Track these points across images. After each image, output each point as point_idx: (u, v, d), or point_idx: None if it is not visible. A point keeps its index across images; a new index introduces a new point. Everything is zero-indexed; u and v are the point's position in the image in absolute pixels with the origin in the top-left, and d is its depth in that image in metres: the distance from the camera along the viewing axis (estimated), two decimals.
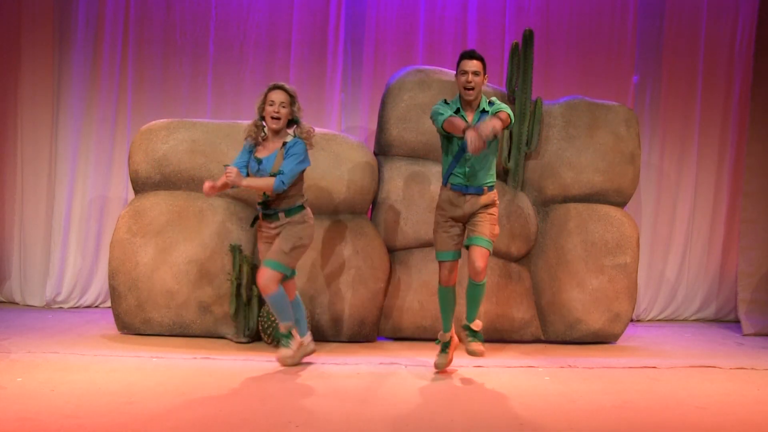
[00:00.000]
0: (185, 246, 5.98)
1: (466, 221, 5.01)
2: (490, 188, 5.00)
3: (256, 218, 5.16)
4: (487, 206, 4.97)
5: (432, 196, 6.21)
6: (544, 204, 6.49)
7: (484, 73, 4.98)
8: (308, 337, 5.29)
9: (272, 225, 5.01)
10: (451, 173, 4.95)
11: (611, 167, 6.44)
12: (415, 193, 6.25)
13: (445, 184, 5.02)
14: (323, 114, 7.37)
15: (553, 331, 6.36)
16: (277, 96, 4.93)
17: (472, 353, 5.00)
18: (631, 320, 6.95)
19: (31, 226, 7.33)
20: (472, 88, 4.92)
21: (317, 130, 6.26)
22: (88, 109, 7.29)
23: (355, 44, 7.47)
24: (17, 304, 7.35)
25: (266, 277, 4.94)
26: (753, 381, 5.22)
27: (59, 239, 7.23)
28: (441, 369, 5.14)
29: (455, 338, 5.22)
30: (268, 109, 4.92)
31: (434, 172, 6.30)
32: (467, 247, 4.97)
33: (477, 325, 5.05)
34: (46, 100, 7.26)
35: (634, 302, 6.49)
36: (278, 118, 4.92)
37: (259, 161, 4.95)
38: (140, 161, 6.11)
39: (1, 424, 3.75)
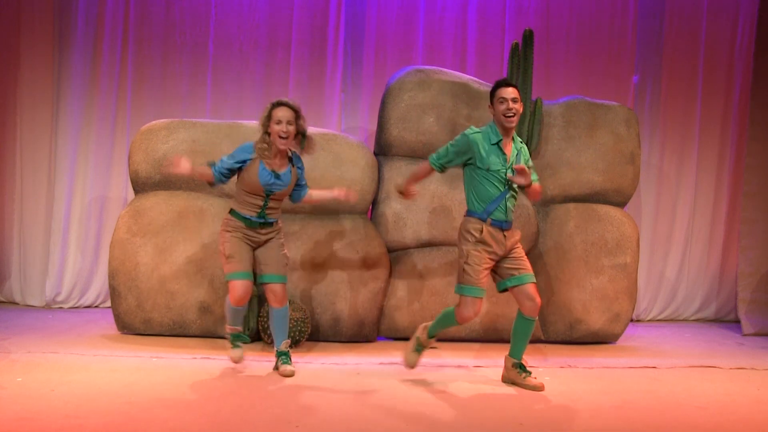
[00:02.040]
0: (185, 246, 5.98)
1: (500, 259, 4.79)
2: None
3: (247, 222, 4.90)
4: (518, 242, 4.86)
5: (432, 195, 6.22)
6: (544, 204, 6.49)
7: (521, 101, 4.84)
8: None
9: (263, 231, 4.94)
10: (496, 208, 4.73)
11: (611, 167, 6.44)
12: None
13: (485, 218, 4.72)
14: (323, 114, 7.38)
15: (553, 331, 6.36)
16: (284, 114, 4.77)
17: (535, 389, 4.79)
18: (631, 320, 6.96)
19: (31, 226, 7.33)
20: (513, 115, 4.69)
21: (317, 130, 6.29)
22: (87, 109, 7.29)
23: (355, 44, 7.47)
24: (17, 304, 7.35)
25: (284, 292, 5.01)
26: (753, 381, 5.22)
27: (59, 239, 7.23)
28: (413, 367, 5.08)
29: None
30: (276, 128, 4.76)
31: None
32: (508, 288, 4.80)
33: (525, 360, 4.95)
34: (46, 99, 7.26)
35: (634, 302, 6.49)
36: (286, 138, 4.78)
37: (278, 176, 4.82)
38: (140, 161, 6.11)
39: (1, 424, 3.75)
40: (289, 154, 4.92)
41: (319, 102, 7.41)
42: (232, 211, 4.94)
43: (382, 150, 6.42)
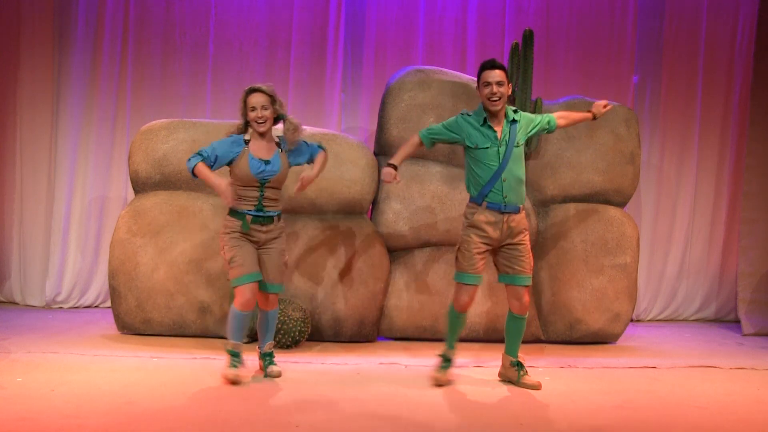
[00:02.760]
0: (185, 246, 5.98)
1: (499, 246, 4.76)
2: (523, 206, 4.79)
3: (244, 220, 4.79)
4: (522, 232, 4.76)
5: (432, 195, 6.22)
6: (544, 204, 6.49)
7: (508, 82, 4.73)
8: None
9: (264, 228, 4.82)
10: (491, 190, 4.67)
11: (611, 167, 6.44)
12: (415, 193, 6.25)
13: (479, 202, 4.70)
14: (323, 114, 7.38)
15: (553, 331, 6.36)
16: (257, 99, 4.78)
17: (532, 387, 4.79)
18: (631, 320, 6.95)
19: (31, 226, 7.33)
20: (498, 99, 4.65)
21: (317, 130, 6.29)
22: (87, 109, 7.29)
23: (355, 44, 7.47)
24: (17, 304, 7.35)
25: (276, 298, 4.98)
26: (753, 381, 5.22)
27: (59, 239, 7.23)
28: (443, 384, 4.85)
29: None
30: (252, 114, 4.78)
31: (434, 172, 6.30)
32: (503, 282, 4.82)
33: (522, 358, 4.97)
34: (46, 99, 7.26)
35: (634, 302, 6.49)
36: (264, 122, 4.79)
37: (267, 162, 4.79)
38: (140, 161, 6.11)
39: (1, 424, 3.75)
40: (276, 139, 4.91)
41: (319, 102, 7.40)
42: (231, 211, 4.81)
43: (382, 150, 6.42)
